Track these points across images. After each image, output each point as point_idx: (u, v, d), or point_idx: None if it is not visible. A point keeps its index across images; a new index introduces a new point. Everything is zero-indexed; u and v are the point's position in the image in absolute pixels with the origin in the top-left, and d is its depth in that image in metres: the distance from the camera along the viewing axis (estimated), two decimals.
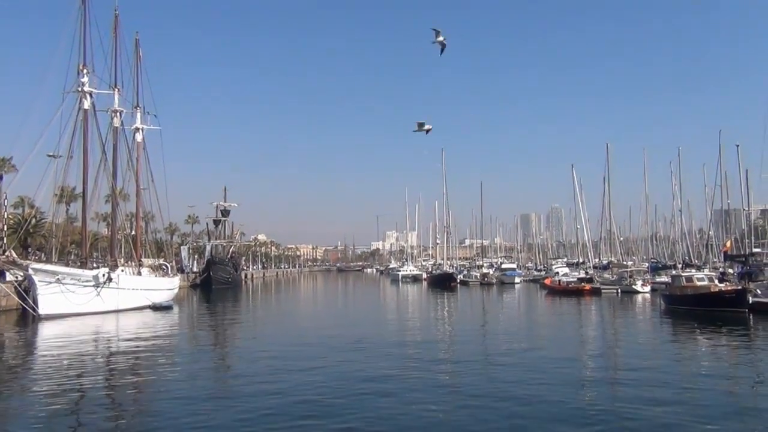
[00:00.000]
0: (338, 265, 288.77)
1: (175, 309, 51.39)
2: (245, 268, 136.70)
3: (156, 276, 58.35)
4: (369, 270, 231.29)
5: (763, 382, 19.83)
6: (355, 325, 40.61)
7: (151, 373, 21.89)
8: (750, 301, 38.98)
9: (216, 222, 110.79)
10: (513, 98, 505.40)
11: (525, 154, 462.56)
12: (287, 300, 75.66)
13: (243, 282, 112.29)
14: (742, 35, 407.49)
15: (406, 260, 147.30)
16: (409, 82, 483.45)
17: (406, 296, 76.01)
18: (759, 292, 42.04)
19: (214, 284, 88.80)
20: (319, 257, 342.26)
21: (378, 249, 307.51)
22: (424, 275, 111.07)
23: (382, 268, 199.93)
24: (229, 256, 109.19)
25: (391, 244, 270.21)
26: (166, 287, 56.83)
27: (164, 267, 65.03)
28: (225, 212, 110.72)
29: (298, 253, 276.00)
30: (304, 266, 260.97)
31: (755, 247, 75.35)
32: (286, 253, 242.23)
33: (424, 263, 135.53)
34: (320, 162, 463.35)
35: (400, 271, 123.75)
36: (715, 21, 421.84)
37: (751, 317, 36.95)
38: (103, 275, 44.53)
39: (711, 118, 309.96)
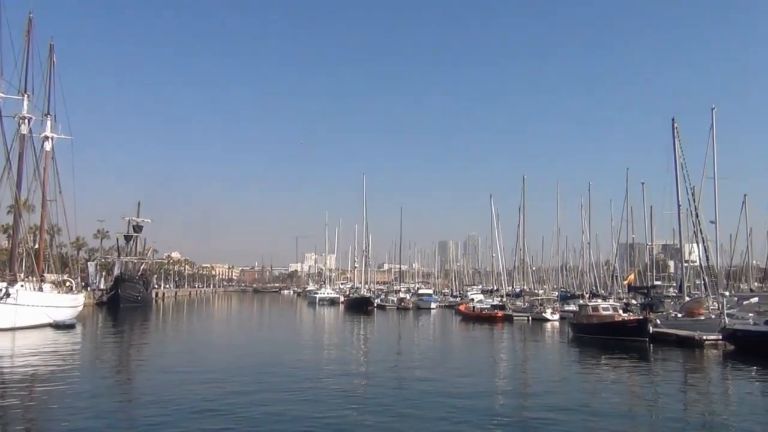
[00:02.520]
0: (255, 285, 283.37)
1: (78, 328, 48.80)
2: (156, 286, 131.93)
3: (59, 292, 55.32)
4: (286, 292, 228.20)
5: (658, 406, 20.76)
6: (264, 348, 39.71)
7: (44, 394, 20.67)
8: (650, 331, 40.87)
9: (127, 238, 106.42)
10: (434, 126, 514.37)
11: (445, 182, 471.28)
12: (198, 321, 73.35)
13: (153, 301, 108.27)
14: (645, 76, 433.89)
15: (324, 283, 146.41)
16: (332, 106, 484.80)
17: (321, 320, 75.28)
18: (659, 322, 44.31)
19: (122, 302, 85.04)
20: (236, 277, 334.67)
21: (296, 271, 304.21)
22: (342, 298, 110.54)
23: (299, 290, 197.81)
24: (139, 274, 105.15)
25: (309, 266, 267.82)
26: (68, 304, 53.91)
27: (69, 283, 61.79)
28: (137, 228, 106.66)
29: (213, 272, 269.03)
30: (219, 286, 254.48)
31: (656, 279, 79.57)
32: (200, 272, 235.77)
33: (342, 286, 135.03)
34: (239, 182, 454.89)
35: (317, 293, 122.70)
36: (627, 62, 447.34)
37: (650, 346, 38.73)
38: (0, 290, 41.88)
39: (621, 156, 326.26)
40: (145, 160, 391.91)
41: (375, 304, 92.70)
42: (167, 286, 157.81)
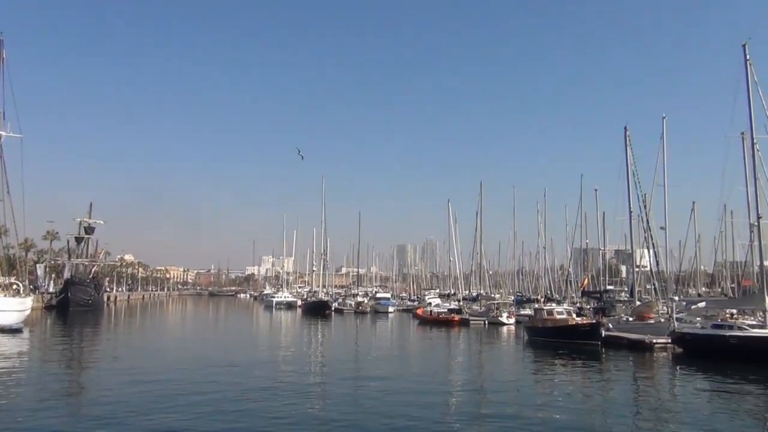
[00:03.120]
0: (210, 289, 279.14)
1: (25, 332, 47.32)
2: (108, 289, 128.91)
3: (5, 296, 53.48)
4: (242, 295, 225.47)
5: (609, 407, 21.19)
6: (217, 352, 39.15)
7: None
8: (603, 335, 41.72)
9: (78, 240, 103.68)
10: (393, 131, 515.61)
11: (404, 187, 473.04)
12: (151, 325, 71.89)
13: (105, 304, 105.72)
14: (601, 83, 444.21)
15: (282, 286, 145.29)
16: (290, 108, 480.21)
17: (278, 323, 74.65)
18: (611, 326, 45.26)
19: (72, 306, 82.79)
20: (191, 280, 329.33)
21: (253, 274, 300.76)
22: (299, 302, 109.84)
23: (256, 294, 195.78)
24: (90, 277, 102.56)
25: (266, 270, 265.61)
26: (15, 308, 52.11)
27: (16, 286, 59.79)
28: (89, 229, 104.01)
29: (167, 275, 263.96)
30: (174, 289, 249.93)
31: (609, 284, 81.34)
32: (154, 275, 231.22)
33: (299, 290, 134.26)
34: (195, 183, 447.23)
35: (274, 297, 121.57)
36: (583, 70, 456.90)
37: (603, 349, 39.51)
38: None
39: (576, 162, 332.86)
40: (99, 161, 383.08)
41: (333, 308, 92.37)
42: (120, 289, 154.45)
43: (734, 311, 45.15)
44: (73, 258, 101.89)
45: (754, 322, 37.85)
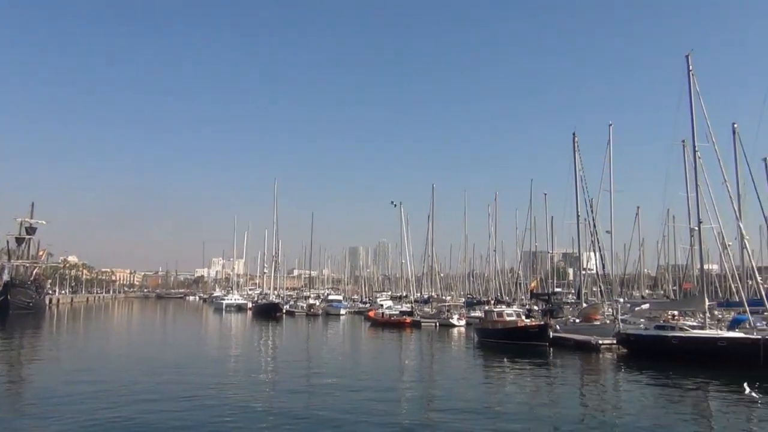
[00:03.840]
0: (158, 291, 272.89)
1: None
2: (51, 292, 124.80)
3: None
4: (191, 298, 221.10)
5: (557, 406, 21.58)
6: (164, 355, 38.38)
7: None
8: (551, 336, 42.51)
9: (19, 240, 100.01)
10: (347, 133, 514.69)
11: (356, 189, 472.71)
12: (95, 328, 69.79)
13: (47, 307, 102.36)
14: (552, 88, 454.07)
15: (232, 289, 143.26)
16: (241, 108, 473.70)
17: (228, 326, 73.58)
18: (558, 327, 46.20)
19: (12, 309, 79.91)
20: (138, 282, 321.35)
21: (202, 276, 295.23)
22: (250, 305, 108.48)
23: (205, 296, 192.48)
24: (31, 279, 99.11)
25: (216, 272, 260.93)
26: None
27: None
28: (30, 230, 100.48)
29: (113, 277, 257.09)
30: (120, 292, 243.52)
31: (557, 286, 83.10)
32: (99, 277, 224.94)
33: (250, 292, 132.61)
34: (143, 183, 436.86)
35: (224, 299, 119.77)
36: (536, 74, 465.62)
37: (551, 350, 40.28)
38: None
39: (526, 166, 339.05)
40: (41, 159, 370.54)
41: (284, 311, 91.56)
42: (63, 291, 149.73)
43: (676, 313, 46.60)
44: (13, 259, 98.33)
45: (694, 323, 39.15)
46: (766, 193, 43.37)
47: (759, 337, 31.37)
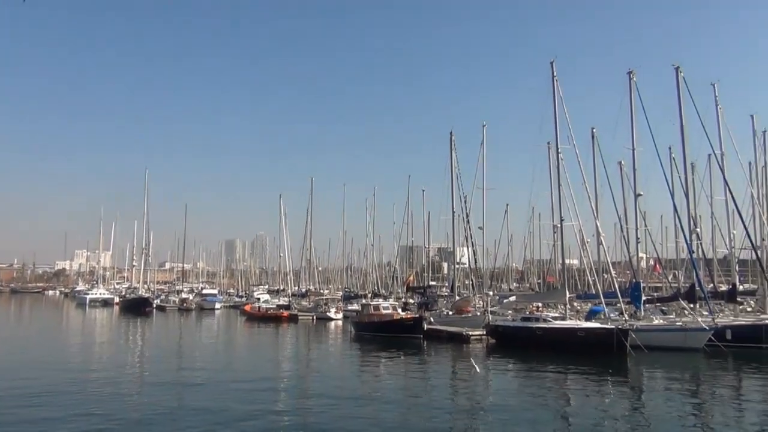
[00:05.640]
0: (12, 285, 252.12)
1: None
2: None
3: None
4: (51, 292, 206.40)
5: (428, 396, 22.22)
6: (16, 355, 35.70)
7: None
8: (425, 328, 43.66)
9: None
10: (221, 121, 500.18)
11: (234, 181, 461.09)
12: None
13: None
14: (425, 90, 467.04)
15: (97, 282, 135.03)
16: (107, 92, 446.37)
17: (91, 322, 69.26)
18: (432, 320, 47.55)
19: None
20: None
21: (64, 269, 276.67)
22: (117, 299, 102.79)
23: (67, 291, 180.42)
24: None
25: (80, 265, 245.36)
26: None
27: None
28: None
29: None
30: None
31: (432, 280, 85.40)
32: None
33: (117, 286, 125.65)
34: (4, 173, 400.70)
35: (88, 294, 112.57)
36: (413, 77, 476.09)
37: (425, 342, 41.39)
38: None
39: (405, 163, 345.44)
40: None
41: (154, 305, 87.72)
42: None
43: (540, 304, 49.39)
44: None
45: (556, 315, 41.69)
46: (621, 194, 47.03)
47: (613, 327, 33.93)
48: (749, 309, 45.64)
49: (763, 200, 48.05)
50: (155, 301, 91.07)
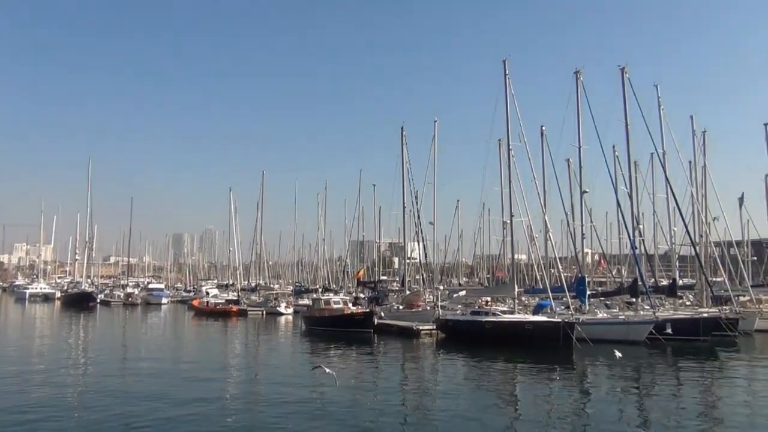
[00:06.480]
0: None
1: None
2: None
3: None
4: None
5: (378, 390, 22.34)
6: None
7: None
8: (375, 323, 43.75)
9: None
10: (173, 111, 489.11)
11: (183, 172, 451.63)
12: None
13: None
14: (377, 86, 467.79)
15: (38, 277, 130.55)
16: (51, 71, 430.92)
17: (31, 318, 66.98)
18: (383, 314, 47.69)
19: None
20: None
21: (2, 263, 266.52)
22: (59, 294, 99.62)
23: (5, 285, 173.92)
24: None
25: (19, 258, 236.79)
26: None
27: None
28: None
29: None
30: None
31: (383, 275, 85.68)
32: None
33: (59, 281, 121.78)
34: None
35: (28, 288, 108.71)
36: (365, 71, 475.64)
37: (375, 337, 41.47)
38: None
39: (357, 159, 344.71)
40: None
41: (98, 300, 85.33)
42: None
43: (489, 299, 50.10)
44: None
45: (505, 309, 42.40)
46: (568, 191, 48.07)
47: (559, 320, 34.69)
48: (688, 303, 47.48)
49: (702, 199, 49.87)
50: (99, 296, 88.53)
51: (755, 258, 65.00)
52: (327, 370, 20.41)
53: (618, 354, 26.78)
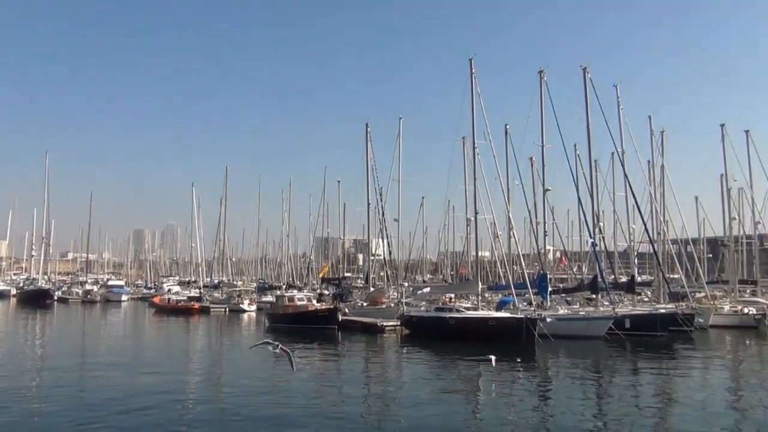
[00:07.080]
0: None
1: None
2: None
3: None
4: None
5: (342, 386, 22.39)
6: None
7: None
8: (339, 319, 43.65)
9: None
10: (135, 106, 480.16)
11: (144, 168, 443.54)
12: None
13: None
14: (343, 80, 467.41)
15: None
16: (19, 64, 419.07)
17: None
18: (347, 311, 47.59)
19: None
20: None
21: None
22: (14, 291, 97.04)
23: None
24: None
25: None
26: None
27: None
28: None
29: None
30: None
31: (347, 271, 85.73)
32: None
33: (14, 277, 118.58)
34: None
35: None
36: (331, 67, 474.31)
37: (339, 333, 41.38)
38: None
39: (322, 155, 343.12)
40: None
41: (55, 297, 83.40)
42: None
43: (453, 295, 50.48)
44: None
45: (468, 305, 42.74)
46: (531, 189, 48.66)
47: (522, 316, 35.11)
48: (646, 299, 48.59)
49: (660, 197, 50.99)
50: (56, 293, 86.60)
51: (711, 255, 66.88)
52: (275, 347, 17.56)
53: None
